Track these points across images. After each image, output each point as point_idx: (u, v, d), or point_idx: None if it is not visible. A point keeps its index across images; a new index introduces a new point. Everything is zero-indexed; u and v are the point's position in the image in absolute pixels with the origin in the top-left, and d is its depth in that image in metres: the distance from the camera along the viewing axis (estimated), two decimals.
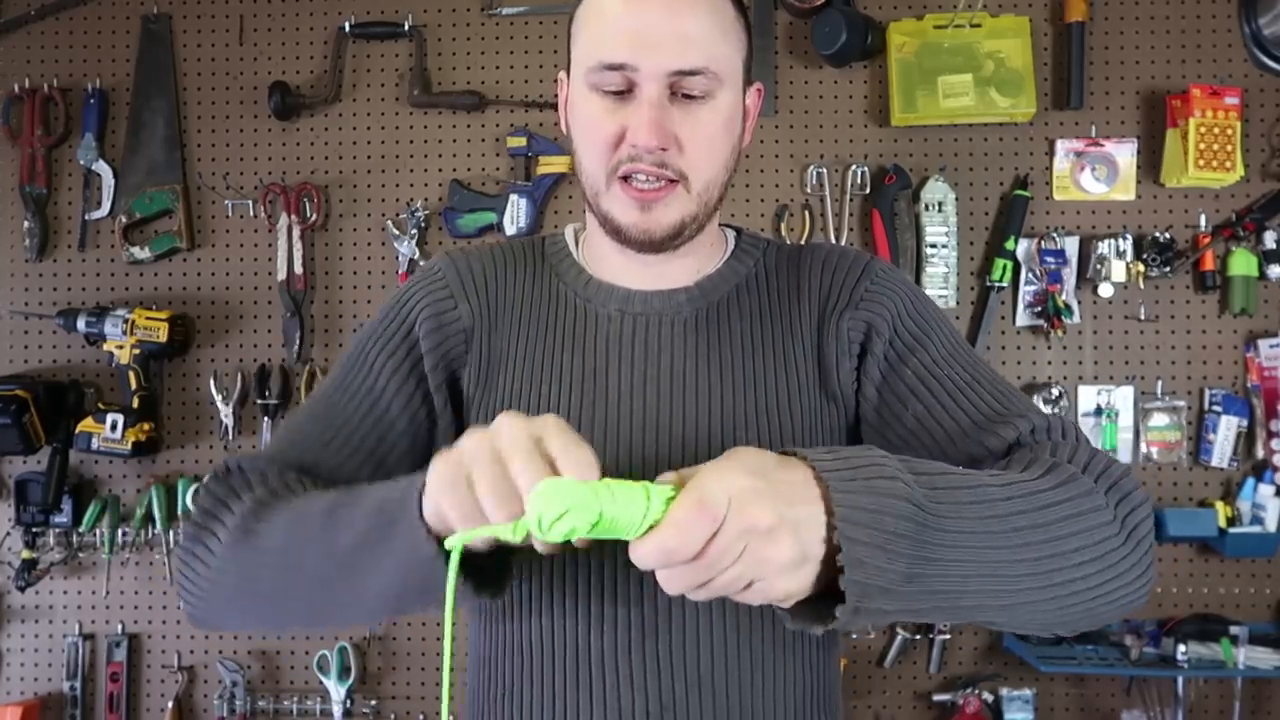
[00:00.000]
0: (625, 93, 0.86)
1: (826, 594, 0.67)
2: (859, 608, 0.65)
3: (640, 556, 0.63)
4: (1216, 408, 1.96)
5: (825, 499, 0.65)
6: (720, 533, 0.62)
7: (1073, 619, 0.77)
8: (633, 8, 0.85)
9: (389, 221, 2.05)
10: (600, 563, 0.88)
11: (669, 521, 0.62)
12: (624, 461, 0.90)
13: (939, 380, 0.90)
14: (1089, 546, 0.74)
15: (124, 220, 2.06)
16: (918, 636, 1.98)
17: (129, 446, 1.97)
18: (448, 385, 0.97)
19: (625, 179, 0.88)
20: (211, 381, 2.05)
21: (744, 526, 0.62)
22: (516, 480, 0.65)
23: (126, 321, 2.00)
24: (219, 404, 2.04)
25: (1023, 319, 2.01)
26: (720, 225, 1.03)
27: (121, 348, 2.00)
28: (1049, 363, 2.00)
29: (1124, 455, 1.97)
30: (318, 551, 0.79)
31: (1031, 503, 0.73)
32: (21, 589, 2.01)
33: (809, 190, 2.03)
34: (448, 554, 0.69)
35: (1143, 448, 1.97)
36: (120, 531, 2.04)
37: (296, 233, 2.05)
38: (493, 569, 0.78)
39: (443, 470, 0.69)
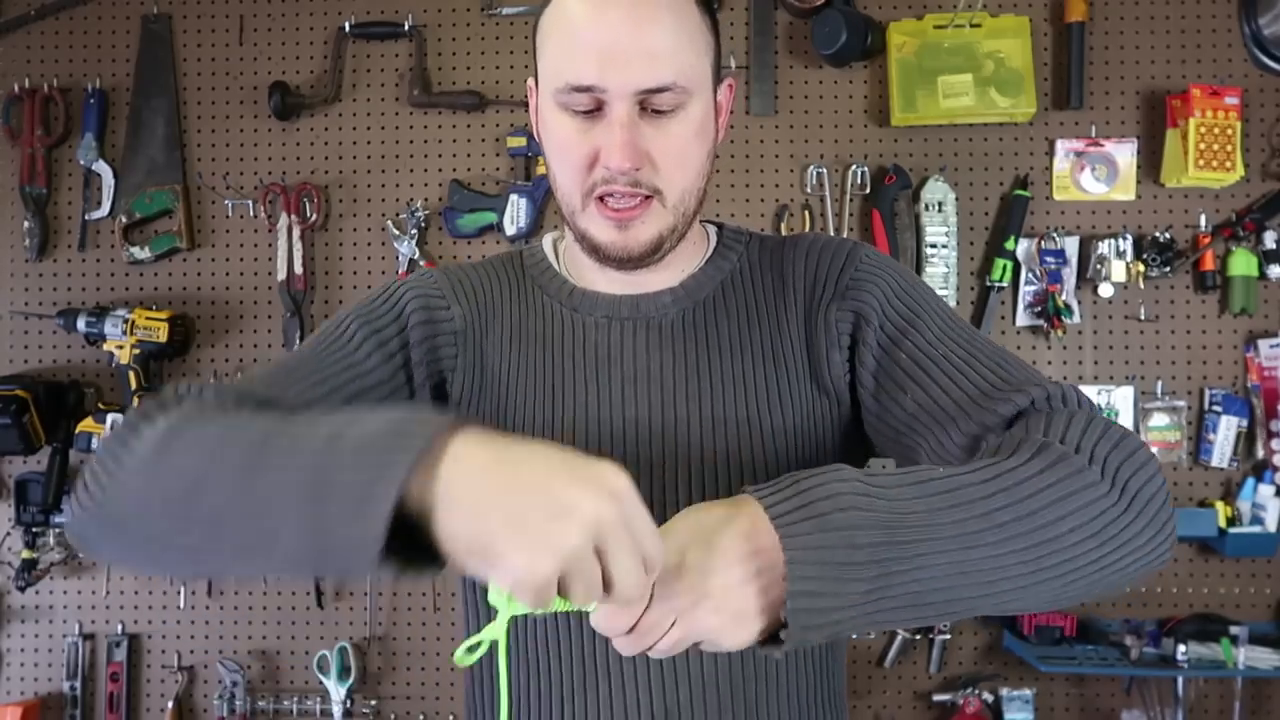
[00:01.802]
0: (594, 111, 0.86)
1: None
2: (807, 626, 0.67)
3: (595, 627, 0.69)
4: (1216, 408, 1.96)
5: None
6: (646, 612, 0.67)
7: (1078, 593, 0.76)
8: (597, 22, 0.84)
9: (389, 221, 2.05)
10: None
11: (599, 609, 0.67)
12: None
13: (934, 361, 0.87)
14: (1084, 524, 0.73)
15: (124, 220, 2.06)
16: (918, 637, 1.98)
17: None
18: (432, 386, 0.96)
19: (601, 198, 0.88)
20: (211, 382, 2.05)
21: (662, 608, 0.67)
22: (618, 579, 0.63)
23: (126, 321, 2.00)
24: None
25: (1023, 319, 2.01)
26: (701, 222, 1.02)
27: (121, 348, 2.00)
28: (1049, 363, 2.00)
29: None
30: (230, 492, 0.67)
31: (1014, 493, 0.72)
32: (21, 589, 2.01)
33: (809, 190, 2.03)
34: (390, 559, 0.62)
35: None
36: None
37: (296, 233, 2.05)
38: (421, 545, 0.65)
39: (549, 567, 0.60)
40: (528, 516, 0.60)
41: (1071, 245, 1.98)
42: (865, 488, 0.70)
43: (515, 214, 2.02)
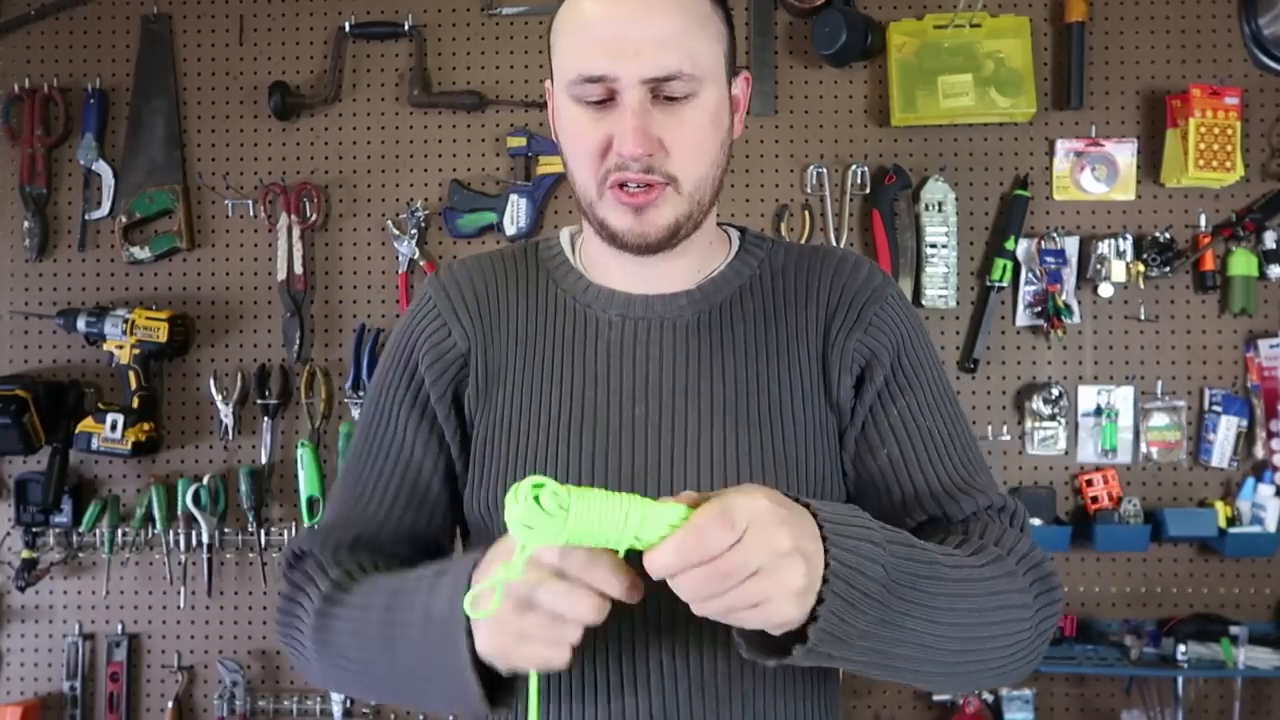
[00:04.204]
0: (607, 101, 0.86)
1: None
2: (812, 649, 0.70)
3: (656, 561, 0.67)
4: (1216, 408, 1.96)
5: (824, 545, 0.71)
6: (740, 545, 0.66)
7: (964, 687, 0.90)
8: (606, 15, 0.85)
9: (389, 221, 2.05)
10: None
11: (690, 524, 0.66)
12: (626, 468, 0.90)
13: (920, 430, 0.93)
14: (1007, 634, 0.82)
15: (124, 220, 2.06)
16: None
17: (129, 446, 1.97)
18: (454, 409, 0.97)
19: (618, 186, 0.88)
20: (211, 381, 2.05)
21: (765, 544, 0.66)
22: (564, 621, 0.72)
23: (126, 321, 2.00)
24: (219, 404, 2.04)
25: (1023, 319, 2.01)
26: (723, 225, 1.03)
27: (121, 348, 2.00)
28: (1049, 363, 2.00)
29: (1124, 455, 1.97)
30: (385, 667, 0.86)
31: (973, 589, 0.80)
32: (21, 589, 2.01)
33: (809, 190, 2.03)
34: (493, 693, 0.78)
35: (1143, 448, 1.97)
36: (120, 531, 2.04)
37: (296, 233, 2.05)
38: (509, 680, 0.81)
39: (500, 642, 0.74)
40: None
41: (1071, 245, 1.98)
42: (884, 539, 0.75)
43: (515, 214, 2.02)
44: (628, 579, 0.71)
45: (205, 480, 2.02)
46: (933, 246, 1.99)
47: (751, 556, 0.66)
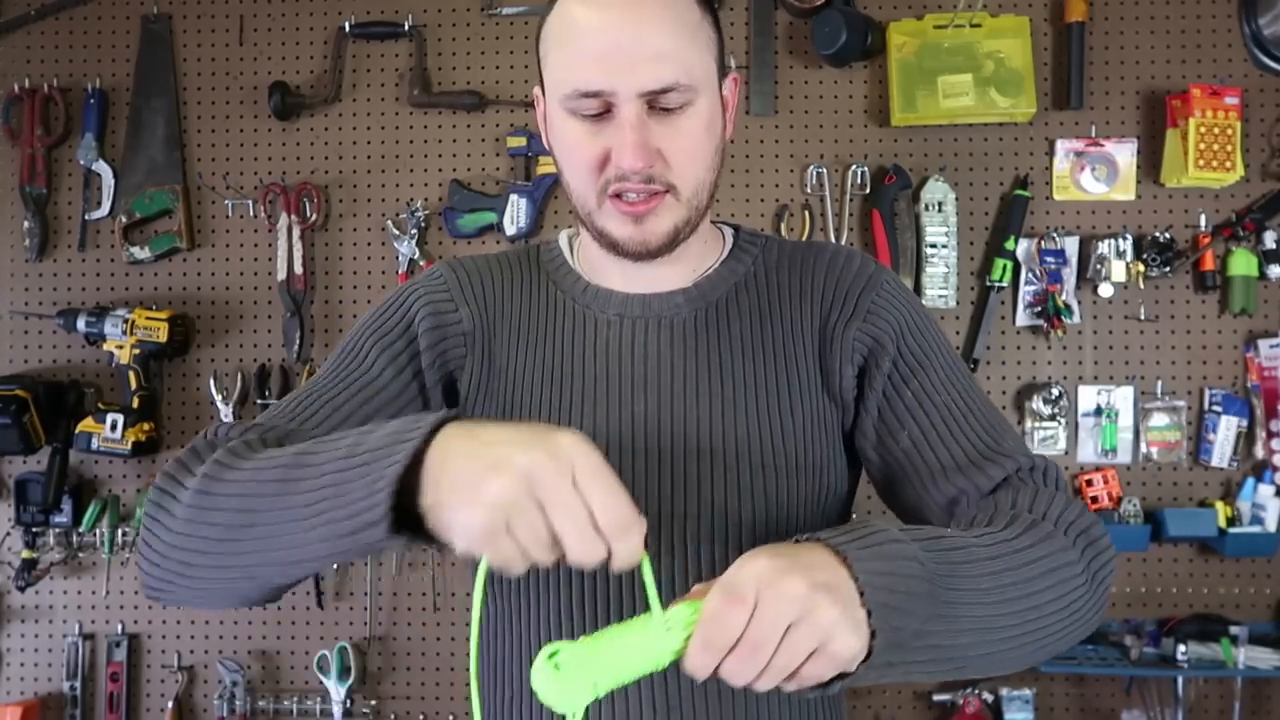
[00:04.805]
0: (603, 114, 0.87)
1: None
2: (873, 664, 0.67)
3: (691, 663, 0.65)
4: (1216, 408, 1.96)
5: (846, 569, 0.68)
6: (757, 613, 0.63)
7: (1035, 657, 0.83)
8: (599, 27, 0.85)
9: (389, 221, 2.05)
10: (604, 567, 0.88)
11: (703, 618, 0.64)
12: (627, 464, 0.90)
13: (937, 407, 0.92)
14: (1060, 597, 0.80)
15: (124, 220, 2.06)
16: None
17: (129, 446, 1.97)
18: (444, 386, 0.97)
19: (616, 195, 0.89)
20: (211, 381, 2.05)
21: (782, 598, 0.63)
22: (561, 533, 0.65)
23: (126, 321, 2.00)
24: (219, 404, 2.04)
25: (1023, 319, 2.01)
26: (716, 223, 1.04)
27: (121, 348, 2.00)
28: (1049, 363, 2.00)
29: (1124, 455, 1.97)
30: (264, 518, 0.75)
31: (1014, 560, 0.78)
32: (21, 589, 2.01)
33: (809, 190, 2.03)
34: (392, 532, 0.68)
35: (1143, 448, 1.97)
36: (120, 531, 2.04)
37: (296, 233, 2.05)
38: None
39: (480, 518, 0.65)
40: (464, 477, 0.66)
41: (1071, 245, 1.98)
42: (907, 537, 0.73)
43: (515, 214, 2.02)
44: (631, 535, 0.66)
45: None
46: (933, 246, 1.99)
47: (776, 614, 0.63)
